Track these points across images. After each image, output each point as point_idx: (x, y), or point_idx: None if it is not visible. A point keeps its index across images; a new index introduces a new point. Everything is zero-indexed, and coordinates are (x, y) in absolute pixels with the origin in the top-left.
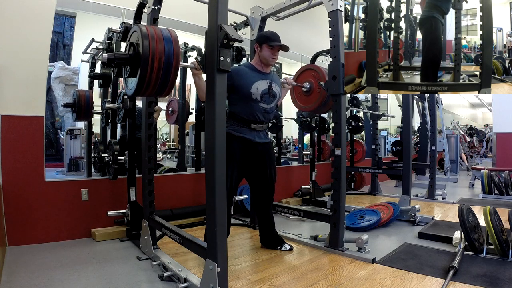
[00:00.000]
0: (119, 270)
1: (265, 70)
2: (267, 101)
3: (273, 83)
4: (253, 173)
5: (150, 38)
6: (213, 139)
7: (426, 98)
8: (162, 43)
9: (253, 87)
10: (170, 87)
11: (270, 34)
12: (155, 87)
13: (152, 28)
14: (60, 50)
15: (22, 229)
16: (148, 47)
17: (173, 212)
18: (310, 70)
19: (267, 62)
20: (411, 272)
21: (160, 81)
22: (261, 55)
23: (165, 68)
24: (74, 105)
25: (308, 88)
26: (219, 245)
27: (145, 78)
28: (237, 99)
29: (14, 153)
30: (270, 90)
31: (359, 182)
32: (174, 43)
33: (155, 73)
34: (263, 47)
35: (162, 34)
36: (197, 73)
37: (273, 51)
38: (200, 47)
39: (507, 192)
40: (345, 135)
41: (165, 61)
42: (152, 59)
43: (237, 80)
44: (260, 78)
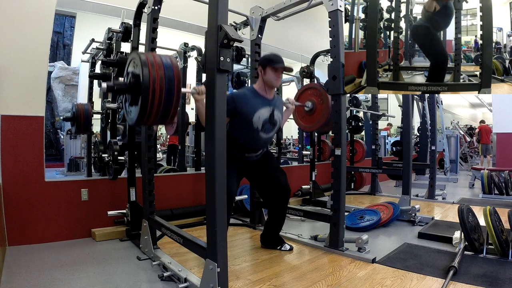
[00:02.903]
0: (119, 270)
1: (269, 95)
2: (268, 130)
3: (275, 110)
4: (256, 179)
5: (150, 65)
6: (213, 139)
7: (426, 98)
8: (163, 71)
9: (256, 115)
10: (173, 115)
11: (273, 56)
12: (157, 116)
13: (151, 55)
14: (60, 50)
15: (22, 229)
16: (148, 75)
17: (173, 212)
18: (311, 89)
19: (271, 85)
20: (411, 272)
21: (162, 110)
22: (265, 78)
23: (166, 96)
24: (74, 119)
25: (311, 107)
26: (219, 245)
27: (147, 107)
28: (238, 125)
29: (14, 153)
30: (272, 119)
31: (359, 182)
32: (174, 70)
33: (156, 102)
34: (267, 70)
35: (162, 61)
36: (199, 99)
37: (277, 73)
38: (200, 47)
39: (507, 192)
40: (345, 135)
41: (166, 90)
42: (153, 87)
43: (239, 107)
44: (263, 105)
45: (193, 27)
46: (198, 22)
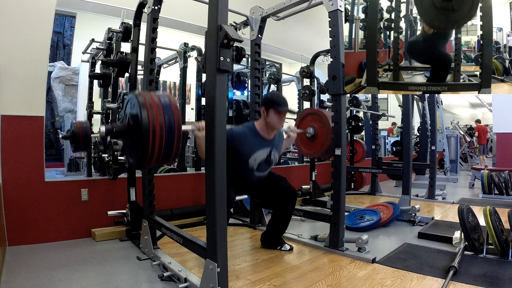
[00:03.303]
0: (119, 270)
1: (269, 136)
2: (263, 170)
3: (273, 150)
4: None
5: (148, 107)
6: (213, 139)
7: (426, 98)
8: (162, 112)
9: (252, 157)
10: (175, 156)
11: (276, 98)
12: (159, 158)
13: (149, 95)
14: (60, 50)
15: (22, 229)
16: (147, 118)
17: (173, 212)
18: (312, 114)
19: (274, 127)
20: (411, 272)
21: (163, 152)
22: (268, 120)
23: (167, 138)
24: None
25: (312, 133)
26: (219, 245)
27: (148, 150)
28: (233, 162)
29: (14, 153)
30: (268, 159)
31: (359, 182)
32: (173, 109)
33: (157, 144)
34: (270, 112)
35: (160, 101)
36: (200, 135)
37: (280, 116)
38: (200, 47)
39: (507, 192)
40: (345, 135)
41: (166, 131)
42: (153, 130)
43: (238, 146)
44: (261, 147)
45: (193, 27)
46: (198, 22)
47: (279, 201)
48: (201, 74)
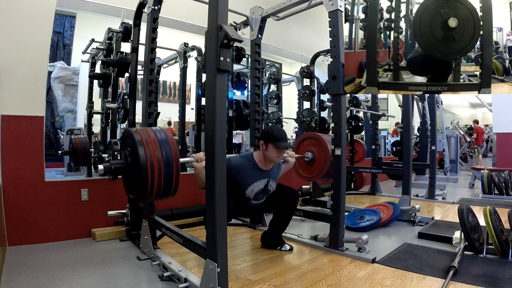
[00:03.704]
0: (119, 270)
1: (267, 168)
2: (260, 198)
3: (270, 181)
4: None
5: (145, 144)
6: (213, 139)
7: (426, 98)
8: (159, 148)
9: (249, 188)
10: (175, 189)
11: (277, 133)
12: (159, 192)
13: (145, 131)
14: (60, 50)
15: (22, 229)
16: (144, 155)
17: (173, 212)
18: (309, 139)
19: (272, 161)
20: (411, 272)
21: (163, 187)
22: (266, 154)
23: (166, 174)
24: (72, 153)
25: (310, 158)
26: (219, 245)
27: (147, 186)
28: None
29: (14, 153)
30: (265, 189)
31: (359, 182)
32: (171, 144)
33: (156, 180)
34: (269, 147)
35: (156, 137)
36: (199, 166)
37: (279, 151)
38: (200, 47)
39: (507, 192)
40: (345, 135)
41: (165, 167)
42: (151, 167)
43: (236, 177)
44: (259, 178)
45: (193, 27)
46: (198, 22)
47: (281, 203)
48: (201, 74)
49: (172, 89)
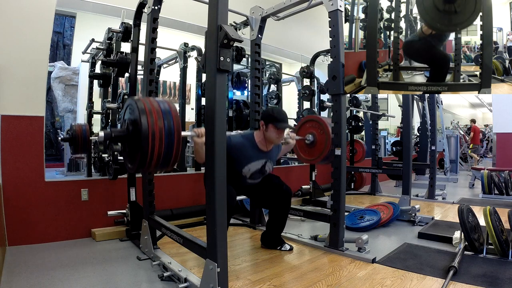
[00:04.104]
0: (119, 270)
1: (267, 148)
2: (256, 178)
3: (268, 162)
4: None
5: (148, 113)
6: (213, 139)
7: (426, 98)
8: (161, 118)
9: (246, 167)
10: (174, 162)
11: (277, 114)
12: (158, 163)
13: (148, 101)
14: (60, 50)
15: (22, 229)
16: (147, 124)
17: (173, 212)
18: (311, 121)
19: (272, 142)
20: (411, 272)
21: (163, 158)
22: (266, 135)
23: (167, 144)
24: (71, 140)
25: (311, 140)
26: (219, 245)
27: (147, 156)
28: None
29: (14, 153)
30: (262, 169)
31: (359, 182)
32: (173, 115)
33: (156, 150)
34: (269, 127)
35: (160, 107)
36: (199, 141)
37: (278, 132)
38: (200, 47)
39: (507, 192)
40: (345, 135)
41: (166, 138)
42: (152, 136)
43: (234, 154)
44: (257, 158)
45: (193, 27)
46: (198, 22)
47: (273, 199)
48: (201, 74)
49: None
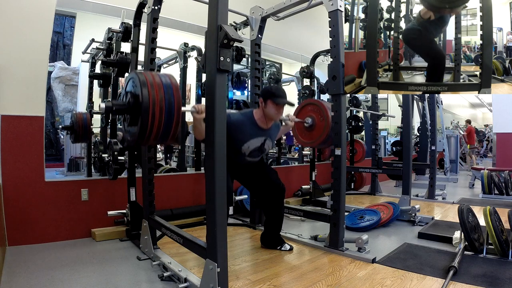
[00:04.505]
0: (119, 270)
1: (266, 126)
2: (255, 155)
3: (267, 140)
4: (248, 179)
5: (149, 86)
6: (213, 139)
7: (426, 98)
8: (162, 91)
9: (245, 145)
10: (173, 136)
11: (275, 90)
12: (157, 136)
13: (150, 74)
14: (60, 50)
15: (22, 229)
16: (148, 96)
17: (173, 212)
18: (312, 105)
19: (271, 118)
20: (411, 272)
21: (162, 130)
22: (266, 111)
23: (166, 117)
24: (72, 128)
25: (310, 123)
26: (219, 245)
27: (147, 128)
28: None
29: (14, 153)
30: (261, 147)
31: (359, 182)
32: (174, 89)
33: (156, 123)
34: (268, 103)
35: (161, 81)
36: (198, 117)
37: (278, 108)
38: (200, 47)
39: (507, 192)
40: (345, 135)
41: (166, 110)
42: (153, 108)
43: (233, 132)
44: (256, 136)
45: (193, 27)
46: (198, 22)
47: (267, 195)
48: (201, 74)
49: None
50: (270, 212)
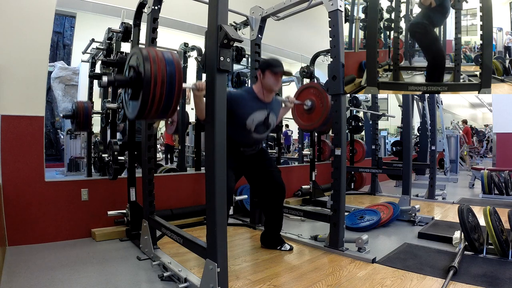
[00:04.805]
0: (119, 270)
1: (267, 99)
2: (261, 131)
3: (271, 113)
4: (252, 174)
5: (152, 61)
6: (213, 139)
7: (426, 98)
8: (164, 66)
9: (249, 118)
10: (173, 110)
11: (272, 60)
12: (157, 110)
13: (153, 50)
14: (60, 50)
15: (22, 229)
16: (150, 71)
17: (173, 212)
18: (312, 88)
19: (271, 89)
20: (411, 272)
21: (163, 105)
22: (264, 82)
23: (168, 91)
24: (73, 116)
25: (310, 106)
26: (219, 245)
27: (148, 102)
28: (231, 124)
29: (14, 153)
30: (266, 121)
31: (359, 182)
32: (176, 66)
33: (157, 97)
34: (266, 74)
35: (163, 56)
36: (198, 94)
37: (276, 77)
38: (200, 47)
39: (507, 192)
40: (345, 135)
41: (167, 85)
42: (154, 82)
43: (235, 107)
44: (259, 108)
45: (193, 27)
46: (198, 22)
47: (268, 194)
48: (201, 74)
49: None
50: (270, 212)
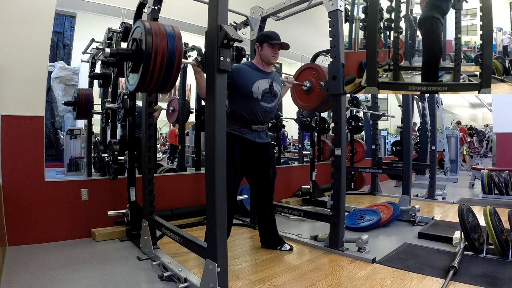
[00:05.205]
0: (119, 270)
1: (266, 69)
2: (268, 100)
3: (274, 82)
4: (253, 173)
5: (154, 34)
6: (213, 139)
7: (426, 98)
8: (166, 40)
9: (254, 85)
10: (172, 83)
11: (270, 33)
12: (157, 83)
13: (155, 24)
14: (60, 50)
15: (22, 229)
16: (151, 43)
17: (173, 212)
18: (311, 69)
19: (269, 61)
20: (411, 272)
21: (162, 77)
22: (262, 54)
23: (167, 64)
24: (75, 103)
25: (309, 86)
26: (219, 245)
27: (148, 74)
28: (238, 98)
29: (14, 153)
30: (272, 89)
31: (359, 182)
32: (177, 39)
33: (157, 69)
34: (264, 46)
35: (165, 30)
36: (198, 70)
37: (274, 50)
38: (200, 47)
39: (507, 192)
40: (345, 135)
41: (168, 58)
42: (155, 55)
43: (238, 79)
44: (261, 77)
45: (193, 27)
46: (198, 22)
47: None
48: None
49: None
50: (259, 212)
